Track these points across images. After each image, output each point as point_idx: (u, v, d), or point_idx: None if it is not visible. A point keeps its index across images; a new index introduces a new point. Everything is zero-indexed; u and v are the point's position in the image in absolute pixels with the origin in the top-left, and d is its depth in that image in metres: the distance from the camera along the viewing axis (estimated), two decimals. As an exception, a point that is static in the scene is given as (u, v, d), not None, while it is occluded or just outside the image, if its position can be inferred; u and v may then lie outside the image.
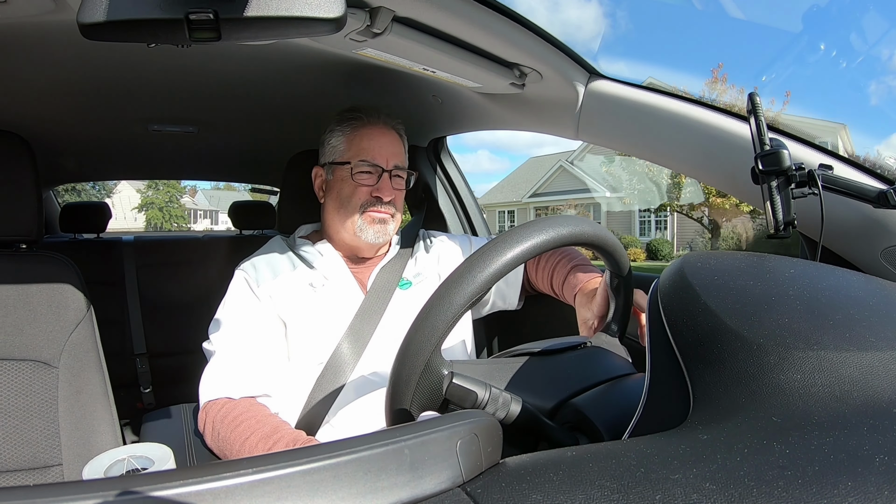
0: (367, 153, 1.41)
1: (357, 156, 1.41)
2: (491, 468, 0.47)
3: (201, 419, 1.25)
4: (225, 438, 1.17)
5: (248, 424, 1.16)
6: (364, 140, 1.42)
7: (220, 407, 1.22)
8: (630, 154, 1.42)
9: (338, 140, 1.44)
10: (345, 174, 1.41)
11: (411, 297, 1.45)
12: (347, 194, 1.41)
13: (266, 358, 1.30)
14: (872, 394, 0.48)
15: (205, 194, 50.21)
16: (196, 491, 0.36)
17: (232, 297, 1.38)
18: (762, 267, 0.70)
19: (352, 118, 1.45)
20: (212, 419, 1.21)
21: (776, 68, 9.17)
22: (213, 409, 1.22)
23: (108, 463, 0.86)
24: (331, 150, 1.46)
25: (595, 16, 29.49)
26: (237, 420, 1.18)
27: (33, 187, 1.32)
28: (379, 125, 1.45)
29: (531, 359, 0.86)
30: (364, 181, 1.41)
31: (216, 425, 1.20)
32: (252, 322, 1.33)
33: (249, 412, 1.19)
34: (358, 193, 1.40)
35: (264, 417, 1.19)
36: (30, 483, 1.19)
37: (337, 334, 1.34)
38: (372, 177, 1.41)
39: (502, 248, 0.69)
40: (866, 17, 5.46)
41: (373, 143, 1.42)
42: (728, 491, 0.38)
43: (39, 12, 1.02)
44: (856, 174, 1.11)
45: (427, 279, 1.52)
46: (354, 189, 1.40)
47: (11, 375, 1.24)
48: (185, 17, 0.59)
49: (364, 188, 1.40)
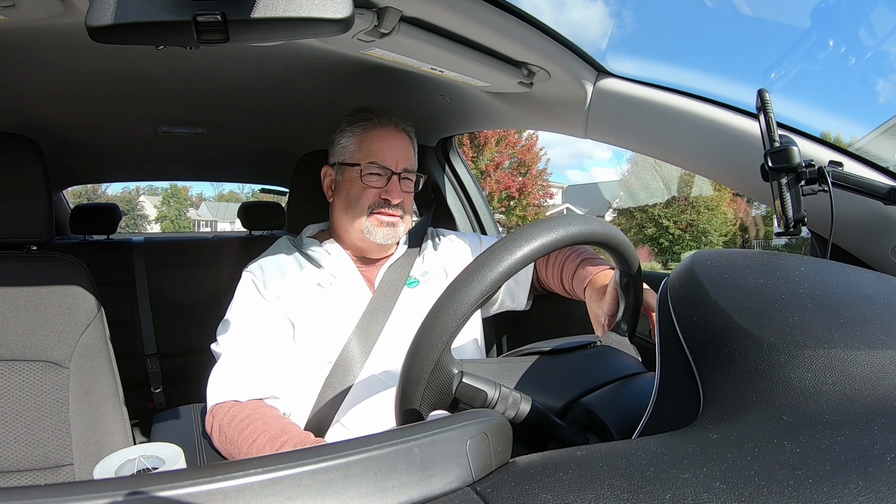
0: (376, 155, 1.41)
1: (367, 157, 1.41)
2: (501, 467, 0.47)
3: (208, 422, 1.25)
4: (232, 441, 1.17)
5: (255, 427, 1.16)
6: (374, 142, 1.42)
7: (227, 410, 1.22)
8: (639, 152, 1.42)
9: (348, 140, 1.44)
10: (354, 175, 1.41)
11: (419, 296, 1.46)
12: (356, 195, 1.41)
13: (274, 359, 1.30)
14: (883, 392, 0.48)
15: (207, 205, 54.55)
16: (206, 490, 0.36)
17: (239, 300, 1.38)
18: (772, 265, 0.70)
19: (363, 119, 1.45)
20: (219, 422, 1.21)
21: (785, 65, 9.15)
22: (220, 411, 1.23)
23: (118, 463, 0.86)
24: (341, 150, 1.46)
25: (601, 15, 29.46)
26: (244, 423, 1.18)
27: (43, 189, 1.33)
28: (389, 127, 1.45)
29: (541, 358, 0.86)
30: (373, 183, 1.41)
31: (223, 428, 1.20)
32: (259, 324, 1.33)
33: (256, 414, 1.19)
34: (366, 195, 1.40)
35: (272, 419, 1.19)
36: (41, 483, 1.20)
37: (345, 333, 1.34)
38: (381, 179, 1.41)
39: (512, 247, 0.69)
40: (875, 12, 5.44)
41: (383, 145, 1.42)
42: (738, 490, 0.38)
43: (48, 16, 1.02)
44: (866, 171, 1.10)
45: (435, 277, 1.52)
46: (363, 190, 1.40)
47: (23, 376, 1.24)
48: (193, 19, 0.60)
49: (372, 190, 1.40)
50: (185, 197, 52.57)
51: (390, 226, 1.42)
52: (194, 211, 53.88)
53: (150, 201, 50.64)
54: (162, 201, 51.02)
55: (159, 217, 51.39)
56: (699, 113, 1.25)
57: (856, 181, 0.98)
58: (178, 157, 2.79)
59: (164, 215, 51.25)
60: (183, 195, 52.23)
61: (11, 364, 1.24)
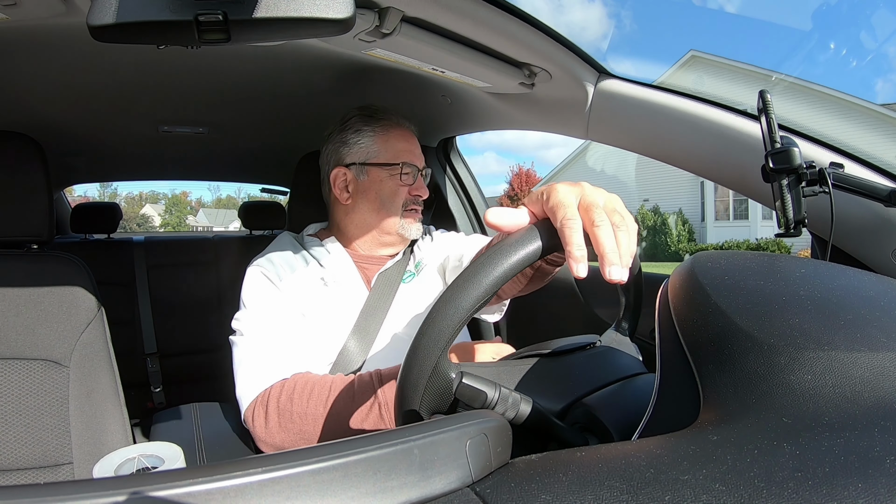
0: (406, 154, 1.46)
1: (398, 157, 1.45)
2: (500, 468, 0.47)
3: (251, 412, 1.21)
4: (301, 414, 1.14)
5: (320, 388, 1.16)
6: (399, 141, 1.46)
7: (280, 390, 1.18)
8: (640, 153, 1.42)
9: (368, 140, 1.46)
10: (383, 175, 1.44)
11: (414, 289, 1.48)
12: (388, 195, 1.45)
13: (298, 346, 1.29)
14: (883, 394, 0.48)
15: (205, 212, 60.21)
16: (206, 490, 0.36)
17: (255, 291, 1.35)
18: (773, 266, 0.69)
19: (382, 118, 1.47)
20: (275, 401, 1.17)
21: (786, 67, 9.07)
22: (274, 393, 1.18)
23: (118, 462, 0.86)
24: (361, 150, 1.46)
25: (599, 16, 29.38)
26: (305, 390, 1.16)
27: (44, 188, 1.33)
28: (404, 126, 1.50)
29: (541, 359, 0.86)
30: (407, 182, 1.46)
31: (283, 405, 1.16)
32: (281, 312, 1.32)
33: (311, 380, 1.19)
34: (400, 193, 1.45)
35: (328, 377, 1.19)
36: (40, 481, 1.20)
37: (344, 331, 1.35)
38: (410, 177, 1.46)
39: (510, 250, 0.66)
40: (876, 14, 5.41)
41: (408, 144, 1.48)
42: (738, 492, 0.38)
43: (50, 15, 1.02)
44: (867, 173, 1.10)
45: (428, 266, 1.54)
46: (397, 189, 1.44)
47: (23, 374, 1.24)
48: (195, 18, 0.60)
49: (405, 188, 1.45)
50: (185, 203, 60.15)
51: (420, 221, 1.49)
52: (193, 218, 59.64)
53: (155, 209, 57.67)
54: (165, 209, 58.57)
55: (163, 224, 57.96)
56: (700, 114, 1.25)
57: (856, 183, 0.98)
58: (179, 157, 2.80)
59: (167, 222, 58.17)
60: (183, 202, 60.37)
61: (11, 362, 1.24)
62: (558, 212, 0.64)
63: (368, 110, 1.49)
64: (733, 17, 13.72)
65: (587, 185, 0.68)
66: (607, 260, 0.60)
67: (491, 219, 0.70)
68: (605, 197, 0.67)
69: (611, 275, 0.60)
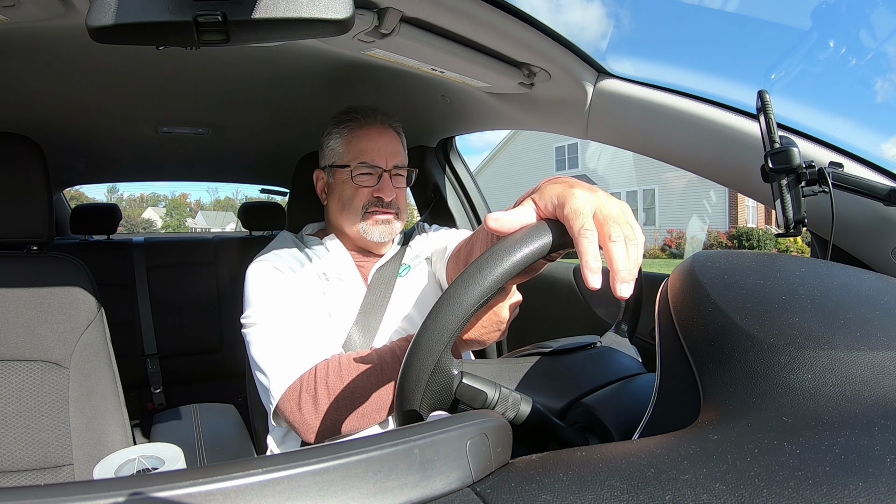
0: (366, 154, 1.41)
1: (356, 158, 1.41)
2: (501, 468, 0.47)
3: (295, 400, 1.16)
4: (351, 390, 1.13)
5: (367, 358, 1.15)
6: (363, 141, 1.42)
7: (326, 368, 1.16)
8: (640, 153, 1.42)
9: (336, 142, 1.44)
10: (345, 177, 1.42)
11: (411, 282, 1.47)
12: (349, 197, 1.41)
13: (319, 332, 1.27)
14: (884, 393, 0.48)
15: (203, 214, 62.40)
16: (206, 491, 0.36)
17: (266, 284, 1.32)
18: (772, 266, 0.69)
19: (349, 119, 1.45)
20: (323, 382, 1.14)
21: (785, 66, 9.15)
22: (320, 375, 1.16)
23: (118, 463, 0.86)
24: (330, 152, 1.46)
25: (598, 16, 29.35)
26: (351, 367, 1.15)
27: (44, 189, 1.33)
28: (376, 125, 1.45)
29: (541, 359, 0.86)
30: (365, 183, 1.41)
31: (332, 383, 1.14)
32: (297, 301, 1.30)
33: (352, 355, 1.18)
34: (359, 195, 1.41)
35: (371, 352, 1.18)
36: (41, 483, 1.20)
37: (346, 325, 1.35)
38: (372, 178, 1.41)
39: (513, 247, 0.66)
40: (875, 13, 5.43)
41: (371, 143, 1.42)
42: (738, 491, 0.38)
43: (49, 16, 1.02)
44: (867, 172, 1.10)
45: (424, 259, 1.53)
46: (355, 191, 1.41)
47: (23, 376, 1.24)
48: (194, 19, 0.60)
49: (365, 189, 1.41)
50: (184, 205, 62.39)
51: (385, 223, 1.42)
52: (191, 220, 61.59)
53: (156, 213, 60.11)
54: (166, 212, 60.78)
55: (164, 227, 60.19)
56: (699, 114, 1.25)
57: (856, 182, 0.98)
58: (179, 158, 2.79)
59: (167, 225, 60.93)
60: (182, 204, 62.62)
61: (11, 364, 1.24)
62: (575, 221, 0.64)
63: (345, 111, 1.47)
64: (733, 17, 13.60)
65: (603, 194, 0.68)
66: (619, 277, 0.60)
67: (493, 225, 0.70)
68: (618, 208, 0.67)
69: (621, 291, 0.60)
